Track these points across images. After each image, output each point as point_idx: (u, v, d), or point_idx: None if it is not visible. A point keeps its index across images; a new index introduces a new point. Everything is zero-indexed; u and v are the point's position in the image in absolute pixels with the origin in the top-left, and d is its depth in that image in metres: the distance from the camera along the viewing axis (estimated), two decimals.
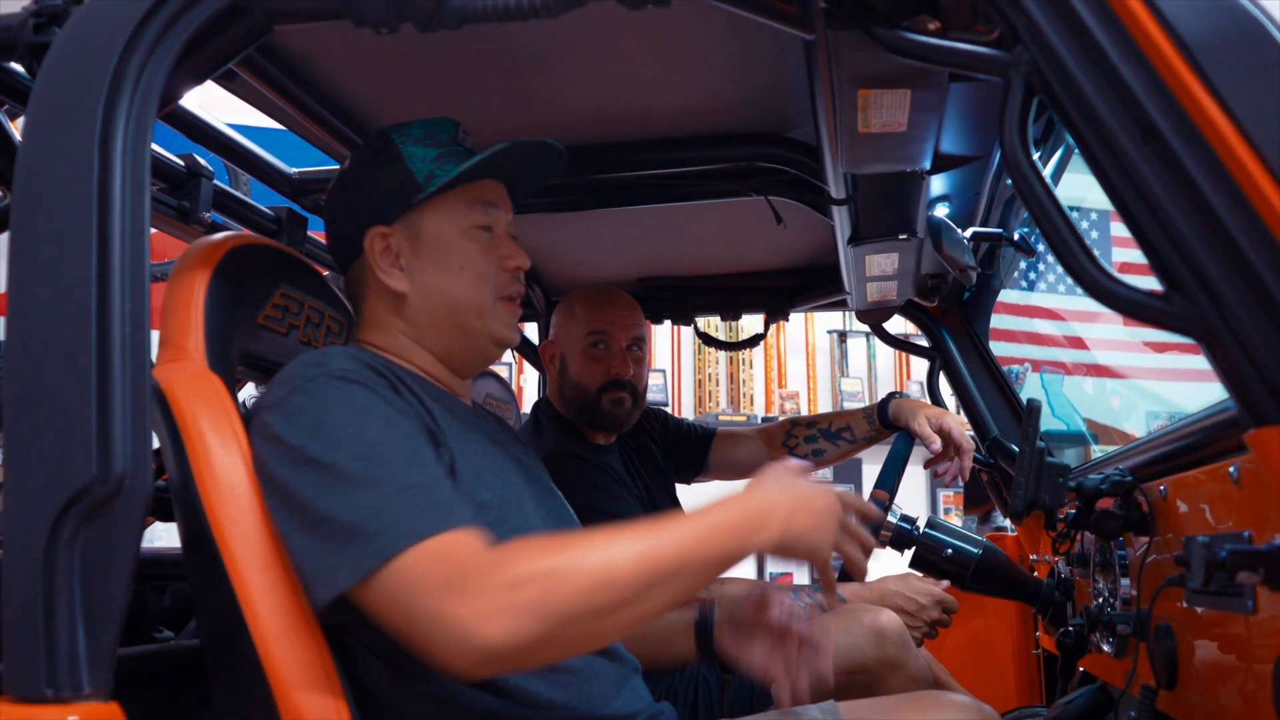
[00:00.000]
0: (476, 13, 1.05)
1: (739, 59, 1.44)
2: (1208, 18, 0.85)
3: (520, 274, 1.31)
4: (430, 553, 0.95)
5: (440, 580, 0.94)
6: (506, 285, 1.29)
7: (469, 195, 1.27)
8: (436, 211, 1.26)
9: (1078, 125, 0.90)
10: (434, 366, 1.28)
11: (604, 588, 0.94)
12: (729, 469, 2.32)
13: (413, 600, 0.94)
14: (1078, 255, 0.92)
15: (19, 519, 0.91)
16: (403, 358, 1.26)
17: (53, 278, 0.95)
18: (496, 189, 1.32)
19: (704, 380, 5.43)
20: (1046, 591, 1.85)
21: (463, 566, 0.94)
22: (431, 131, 1.28)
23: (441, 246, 1.25)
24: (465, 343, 1.28)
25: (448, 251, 1.25)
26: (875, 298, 2.14)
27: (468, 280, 1.26)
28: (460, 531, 0.97)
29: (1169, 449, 1.32)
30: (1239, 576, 0.89)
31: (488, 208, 1.29)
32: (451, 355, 1.29)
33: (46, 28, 1.13)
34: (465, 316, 1.26)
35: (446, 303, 1.26)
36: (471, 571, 0.94)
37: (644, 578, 0.96)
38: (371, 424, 1.04)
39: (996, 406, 2.32)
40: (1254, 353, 0.82)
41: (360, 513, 0.98)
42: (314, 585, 0.99)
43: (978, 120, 1.44)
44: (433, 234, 1.25)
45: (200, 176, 1.58)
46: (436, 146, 1.26)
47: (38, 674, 0.88)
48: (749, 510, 1.04)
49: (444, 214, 1.26)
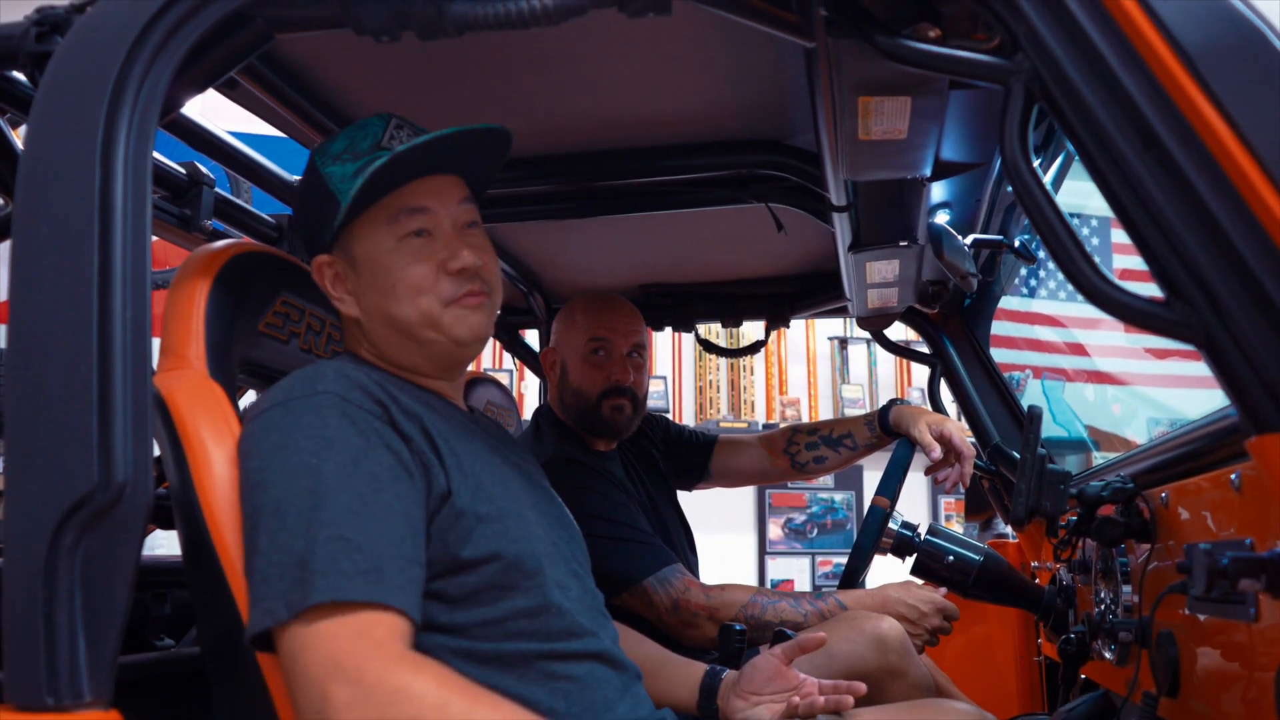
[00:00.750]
0: (478, 21, 1.05)
1: (740, 66, 1.44)
2: (1207, 25, 0.85)
3: (470, 272, 1.20)
4: (339, 624, 0.95)
5: (335, 655, 0.93)
6: (455, 288, 1.19)
7: (390, 206, 1.18)
8: (363, 230, 1.19)
9: (1078, 132, 0.90)
10: (416, 375, 1.26)
11: None
12: (731, 476, 2.32)
13: (305, 659, 0.94)
14: (1078, 262, 0.92)
15: (20, 527, 0.91)
16: (387, 369, 1.24)
17: (54, 285, 0.95)
18: (429, 187, 1.21)
19: (705, 387, 5.43)
20: (1048, 599, 1.84)
21: (364, 653, 0.94)
22: (353, 142, 1.20)
23: (374, 266, 1.19)
24: (428, 351, 1.22)
25: (381, 270, 1.18)
26: (876, 304, 2.14)
27: (404, 297, 1.18)
28: (380, 612, 0.96)
29: (1170, 456, 1.32)
30: (1241, 584, 0.89)
31: (414, 213, 1.19)
32: (421, 365, 1.25)
33: (48, 36, 1.13)
34: (416, 330, 1.20)
35: (393, 322, 1.20)
36: (369, 662, 0.93)
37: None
38: (332, 458, 1.03)
39: (997, 413, 2.32)
40: (1255, 359, 0.82)
41: (290, 555, 0.97)
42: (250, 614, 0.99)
43: (978, 127, 1.45)
44: (365, 255, 1.20)
45: (202, 184, 1.58)
46: (355, 159, 1.18)
47: (38, 682, 0.88)
48: None
49: (370, 231, 1.19)
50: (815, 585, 5.32)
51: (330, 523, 0.99)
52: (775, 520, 5.31)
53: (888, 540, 1.93)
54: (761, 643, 1.70)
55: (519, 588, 1.14)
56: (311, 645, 0.94)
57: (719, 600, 1.82)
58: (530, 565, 1.16)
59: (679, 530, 2.14)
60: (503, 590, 1.13)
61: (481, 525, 1.12)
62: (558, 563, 1.22)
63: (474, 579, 1.11)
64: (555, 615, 1.16)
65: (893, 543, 1.94)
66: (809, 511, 5.34)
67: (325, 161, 1.21)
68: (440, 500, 1.11)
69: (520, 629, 1.13)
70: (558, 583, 1.19)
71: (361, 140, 1.20)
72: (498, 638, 1.12)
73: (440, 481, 1.11)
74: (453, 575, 1.10)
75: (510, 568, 1.14)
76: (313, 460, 1.02)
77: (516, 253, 2.26)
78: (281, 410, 1.07)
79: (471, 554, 1.11)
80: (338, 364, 1.15)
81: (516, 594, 1.14)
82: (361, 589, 0.96)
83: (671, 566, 1.84)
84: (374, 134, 1.20)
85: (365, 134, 1.20)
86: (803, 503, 5.33)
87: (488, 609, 1.12)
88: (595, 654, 1.20)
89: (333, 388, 1.09)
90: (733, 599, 1.82)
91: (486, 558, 1.12)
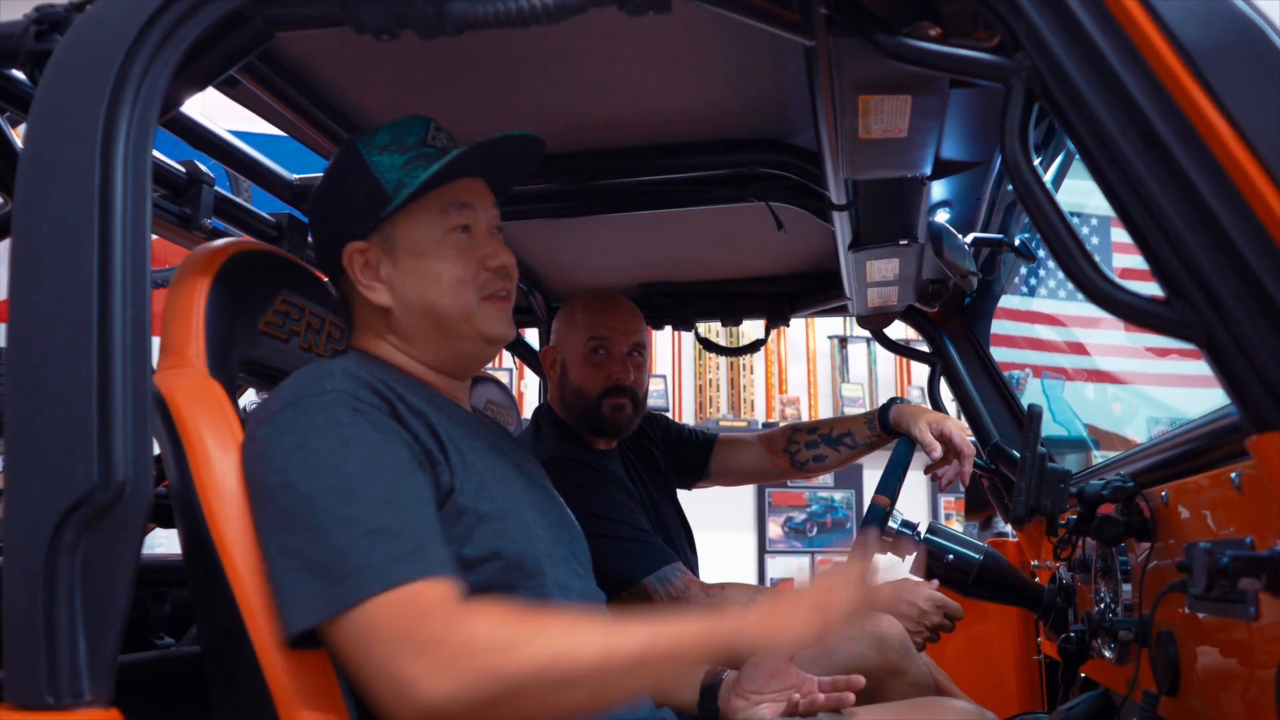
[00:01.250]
0: (477, 19, 1.05)
1: (740, 65, 1.44)
2: (1208, 23, 0.85)
3: (506, 270, 1.26)
4: (390, 604, 0.95)
5: (395, 633, 0.94)
6: (490, 284, 1.25)
7: (442, 199, 1.23)
8: (410, 220, 1.22)
9: (1078, 131, 0.90)
10: (430, 373, 1.27)
11: (556, 671, 0.94)
12: (731, 475, 2.32)
13: (366, 650, 0.95)
14: (1079, 261, 0.92)
15: (20, 526, 0.91)
16: (400, 365, 1.25)
17: (54, 284, 0.95)
18: (473, 187, 1.26)
19: (705, 386, 5.43)
20: (1048, 597, 1.84)
21: (420, 622, 0.95)
22: (398, 136, 1.23)
23: (418, 255, 1.22)
24: (456, 347, 1.26)
25: (425, 260, 1.22)
26: (876, 303, 2.14)
27: (447, 287, 1.22)
28: (426, 582, 0.97)
29: (1170, 455, 1.32)
30: (1241, 583, 0.89)
31: (462, 209, 1.24)
32: (445, 361, 1.27)
33: (48, 35, 1.13)
34: (451, 323, 1.23)
35: (430, 312, 1.23)
36: (428, 628, 0.95)
37: (600, 669, 0.95)
38: (353, 454, 1.03)
39: (998, 412, 2.32)
40: (1256, 358, 0.82)
41: (327, 552, 0.97)
42: (281, 616, 0.98)
43: (978, 126, 1.44)
44: (408, 244, 1.22)
45: (201, 183, 1.58)
46: (404, 151, 1.22)
47: (38, 681, 0.88)
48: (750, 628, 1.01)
49: (417, 222, 1.22)
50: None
51: (363, 517, 0.99)
52: (775, 519, 5.31)
53: (888, 539, 1.93)
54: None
55: (519, 587, 1.14)
56: (372, 631, 0.95)
57: (718, 599, 1.82)
58: (530, 565, 1.16)
59: (679, 529, 2.14)
60: (503, 590, 1.13)
61: (483, 524, 1.12)
62: (558, 563, 1.22)
63: (474, 578, 1.11)
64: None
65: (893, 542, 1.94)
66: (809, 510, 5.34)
67: (370, 150, 1.23)
68: (445, 496, 1.11)
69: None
70: (558, 583, 1.19)
71: (406, 135, 1.23)
72: None
73: (445, 478, 1.12)
74: None
75: (510, 567, 1.14)
76: (334, 459, 1.02)
77: (516, 251, 2.23)
78: (293, 411, 1.07)
79: (472, 553, 1.11)
80: (343, 362, 1.15)
81: (516, 594, 1.14)
82: (408, 570, 0.97)
83: (671, 565, 1.84)
84: (418, 132, 1.23)
85: (409, 130, 1.23)
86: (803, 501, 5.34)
87: None
88: None
89: (341, 385, 1.09)
90: (733, 598, 1.82)
91: (487, 556, 1.12)
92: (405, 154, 1.21)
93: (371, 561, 0.97)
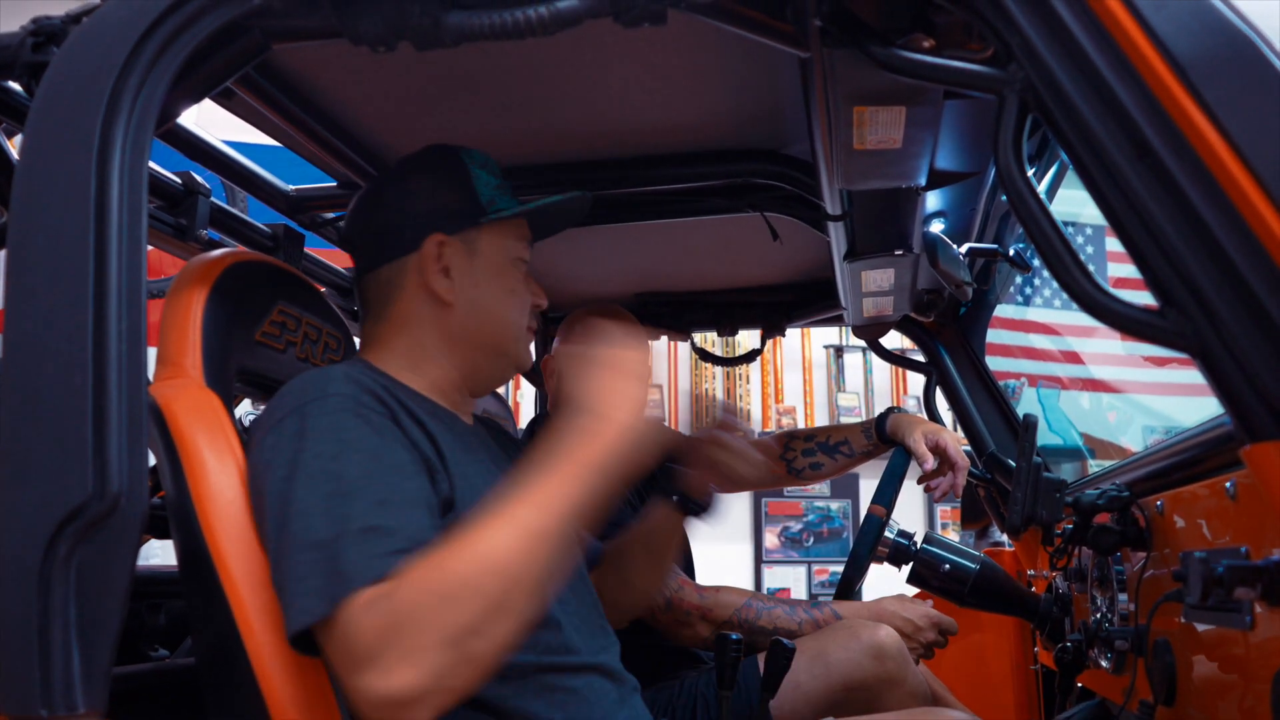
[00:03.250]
0: (474, 31, 1.05)
1: (735, 76, 1.44)
2: (1199, 35, 0.86)
3: (540, 311, 1.38)
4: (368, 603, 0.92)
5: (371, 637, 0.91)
6: (531, 319, 1.36)
7: (519, 230, 1.35)
8: (494, 236, 1.31)
9: (1072, 142, 0.90)
10: (441, 386, 1.27)
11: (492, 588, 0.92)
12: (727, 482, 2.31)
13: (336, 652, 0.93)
14: (1073, 271, 0.92)
15: (14, 537, 0.91)
16: (405, 381, 1.24)
17: (50, 295, 0.95)
18: (528, 232, 1.38)
19: (701, 395, 5.43)
20: (1044, 607, 1.84)
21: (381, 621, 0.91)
22: (490, 162, 1.35)
23: (496, 269, 1.31)
24: (494, 362, 1.32)
25: (501, 275, 1.31)
26: (871, 313, 2.15)
27: (515, 305, 1.32)
28: None
29: (1166, 464, 1.32)
30: (1236, 592, 0.89)
31: (528, 244, 1.36)
32: (476, 372, 1.31)
33: (44, 47, 1.13)
34: (504, 338, 1.31)
35: (493, 321, 1.30)
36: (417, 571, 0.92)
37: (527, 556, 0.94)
38: (352, 459, 1.03)
39: (993, 422, 2.32)
40: (1250, 368, 0.82)
41: (320, 552, 0.95)
42: (284, 617, 0.97)
43: (973, 136, 1.45)
44: (489, 255, 1.30)
45: (197, 194, 1.58)
46: (496, 176, 1.34)
47: (32, 693, 0.88)
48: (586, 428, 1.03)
49: (500, 240, 1.32)
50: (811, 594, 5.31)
51: (358, 517, 0.97)
52: (771, 529, 5.31)
53: (884, 549, 1.93)
54: (757, 650, 1.70)
55: None
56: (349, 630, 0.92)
57: (713, 601, 1.82)
58: None
59: None
60: None
61: None
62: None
63: None
64: (554, 629, 1.16)
65: (889, 551, 1.94)
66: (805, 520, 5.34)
67: (473, 163, 1.33)
68: (445, 507, 1.11)
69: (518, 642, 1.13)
70: (556, 596, 1.19)
71: (493, 165, 1.35)
72: None
73: (444, 488, 1.11)
74: None
75: None
76: (332, 464, 1.02)
77: None
78: (296, 418, 1.06)
79: None
80: (345, 368, 1.15)
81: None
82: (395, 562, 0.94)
83: None
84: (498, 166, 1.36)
85: (493, 162, 1.36)
86: (799, 511, 5.33)
87: None
88: (593, 667, 1.20)
89: (344, 389, 1.09)
90: (727, 600, 1.82)
91: None
92: (497, 179, 1.34)
93: (360, 556, 0.94)
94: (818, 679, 1.66)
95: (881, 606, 1.85)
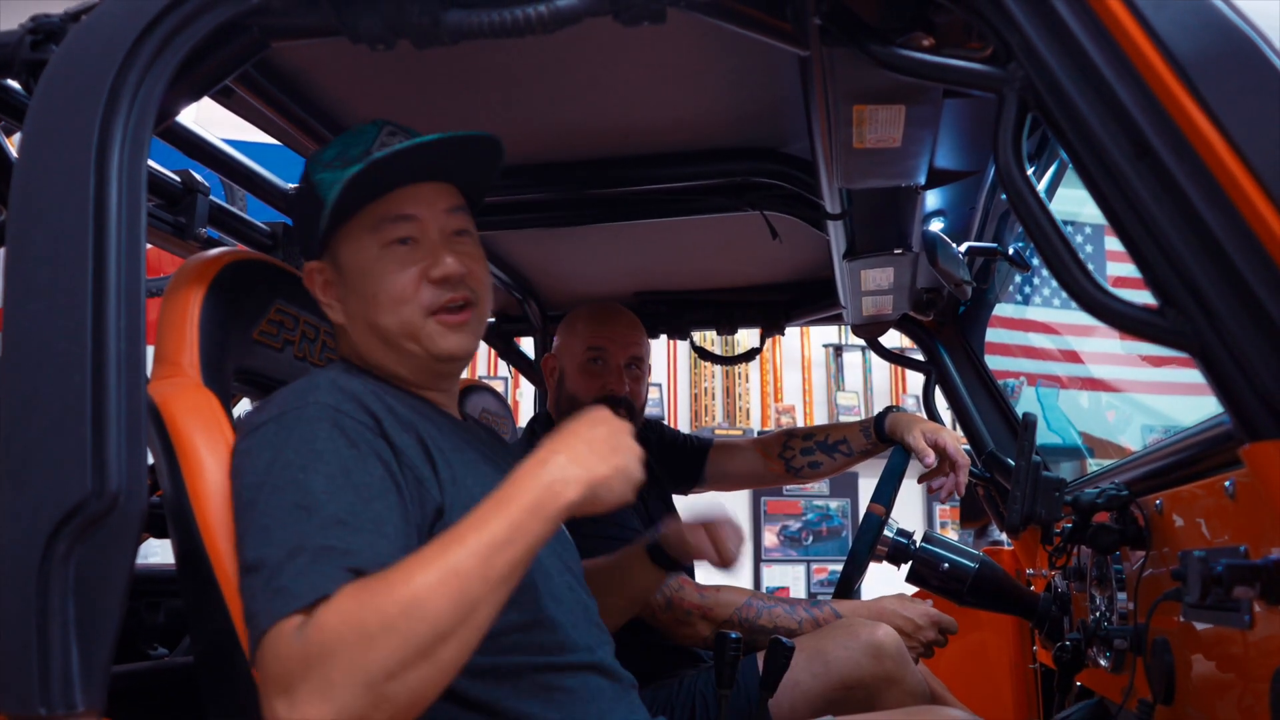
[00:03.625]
0: (473, 29, 1.05)
1: (734, 75, 1.44)
2: (1199, 34, 0.86)
3: (451, 279, 1.18)
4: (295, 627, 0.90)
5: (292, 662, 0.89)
6: (436, 297, 1.18)
7: (376, 213, 1.18)
8: (349, 237, 1.19)
9: (1071, 141, 0.90)
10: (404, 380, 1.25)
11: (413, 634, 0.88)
12: (726, 480, 2.32)
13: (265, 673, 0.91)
14: (1072, 270, 0.92)
15: (13, 535, 0.91)
16: (385, 375, 1.23)
17: (48, 293, 0.95)
18: (419, 195, 1.19)
19: (700, 394, 5.43)
20: (1043, 606, 1.84)
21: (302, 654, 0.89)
22: (345, 149, 1.19)
23: (358, 273, 1.19)
24: (409, 363, 1.22)
25: (365, 278, 1.18)
26: (871, 312, 2.14)
27: (385, 305, 1.17)
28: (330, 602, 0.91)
29: (1165, 463, 1.32)
30: (1235, 591, 0.89)
31: (398, 221, 1.18)
32: (404, 376, 1.23)
33: (43, 45, 1.13)
34: (396, 340, 1.19)
35: (376, 331, 1.19)
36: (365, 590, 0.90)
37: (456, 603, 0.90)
38: (320, 470, 1.01)
39: (992, 421, 2.32)
40: (1249, 368, 0.82)
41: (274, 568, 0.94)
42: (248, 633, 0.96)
43: (972, 135, 1.45)
44: (350, 262, 1.19)
45: (196, 192, 1.58)
46: (345, 165, 1.16)
47: (31, 692, 0.88)
48: (540, 482, 0.97)
49: (355, 238, 1.19)
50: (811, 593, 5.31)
51: (316, 533, 0.96)
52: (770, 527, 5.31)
53: (883, 548, 1.93)
54: (756, 649, 1.70)
55: (513, 602, 1.13)
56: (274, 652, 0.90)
57: (713, 600, 1.82)
58: (524, 579, 1.15)
59: None
60: None
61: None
62: (552, 574, 1.21)
63: None
64: (549, 628, 1.16)
65: (888, 550, 1.94)
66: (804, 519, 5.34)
67: (317, 168, 1.21)
68: (435, 515, 1.10)
69: (514, 642, 1.12)
70: (552, 594, 1.19)
71: (352, 147, 1.19)
72: (492, 651, 1.11)
73: (434, 495, 1.10)
74: None
75: None
76: (300, 475, 1.00)
77: (512, 261, 2.26)
78: (274, 425, 1.06)
79: None
80: (332, 374, 1.14)
81: (510, 608, 1.12)
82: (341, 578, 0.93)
83: None
84: (365, 141, 1.19)
85: (357, 140, 1.19)
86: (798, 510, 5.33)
87: None
88: (590, 665, 1.20)
89: (325, 399, 1.08)
90: (727, 600, 1.82)
91: None
92: (345, 168, 1.15)
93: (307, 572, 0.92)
94: (817, 678, 1.66)
95: (881, 605, 1.85)
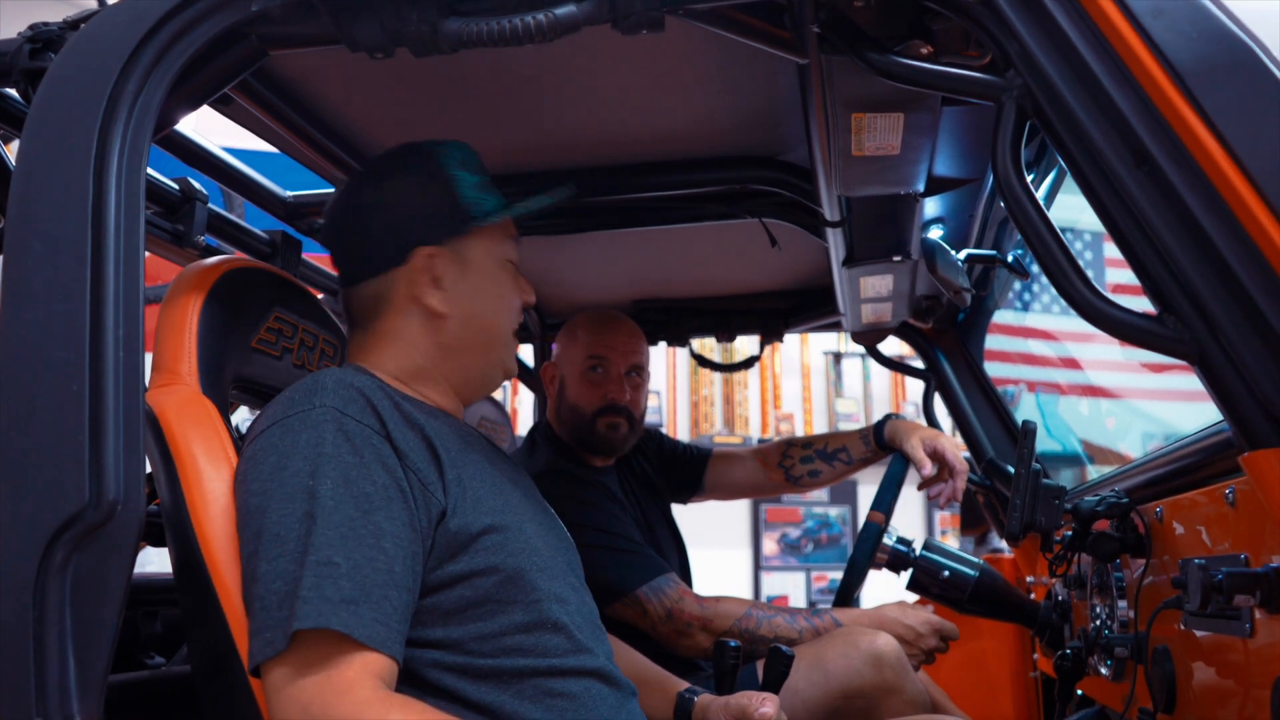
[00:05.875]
0: (471, 38, 1.05)
1: (733, 83, 1.44)
2: (1197, 42, 0.86)
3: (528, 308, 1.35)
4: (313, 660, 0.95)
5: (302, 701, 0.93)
6: (519, 318, 1.33)
7: (506, 230, 1.31)
8: (482, 241, 1.28)
9: (1070, 149, 0.90)
10: (433, 396, 1.26)
11: None
12: (725, 489, 2.31)
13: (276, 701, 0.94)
14: (1071, 278, 0.92)
15: (10, 545, 0.90)
16: (399, 385, 1.24)
17: (46, 302, 0.95)
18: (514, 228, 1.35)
19: (699, 402, 5.43)
20: (1044, 614, 1.84)
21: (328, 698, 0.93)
22: (470, 157, 1.30)
23: (487, 275, 1.28)
24: (485, 369, 1.30)
25: (492, 280, 1.28)
26: (870, 319, 2.15)
27: (504, 310, 1.30)
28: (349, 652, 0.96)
29: (1165, 471, 1.32)
30: (1236, 599, 0.89)
31: (515, 243, 1.33)
32: (468, 380, 1.29)
33: (42, 53, 1.13)
34: (494, 344, 1.30)
35: (485, 329, 1.28)
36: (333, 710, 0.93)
37: None
38: (327, 476, 1.02)
39: (992, 428, 2.32)
40: (1248, 376, 0.82)
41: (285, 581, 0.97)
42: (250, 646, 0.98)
43: (971, 143, 1.45)
44: (479, 263, 1.27)
45: (195, 200, 1.58)
46: (476, 174, 1.29)
47: (28, 701, 0.87)
48: None
49: (488, 244, 1.29)
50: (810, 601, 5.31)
51: (321, 545, 0.98)
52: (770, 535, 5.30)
53: (883, 555, 1.93)
54: (756, 658, 1.70)
55: (516, 602, 1.13)
56: (285, 687, 0.94)
57: (713, 611, 1.82)
58: (528, 579, 1.15)
59: (672, 547, 2.13)
60: (500, 604, 1.12)
61: (480, 539, 1.12)
62: (555, 576, 1.21)
63: (471, 592, 1.10)
64: (552, 631, 1.16)
65: (888, 558, 1.93)
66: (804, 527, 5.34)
67: (451, 164, 1.28)
68: (439, 516, 1.10)
69: (517, 645, 1.12)
70: (556, 597, 1.18)
71: (470, 158, 1.30)
72: (494, 653, 1.11)
73: (439, 498, 1.10)
74: (450, 588, 1.10)
75: (508, 581, 1.13)
76: (309, 481, 1.02)
77: None
78: (279, 429, 1.06)
79: (469, 567, 1.10)
80: (339, 373, 1.14)
81: (514, 609, 1.13)
82: (340, 619, 0.95)
83: (665, 576, 1.83)
84: (477, 157, 1.31)
85: (471, 154, 1.30)
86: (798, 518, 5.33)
87: (484, 623, 1.11)
88: (591, 671, 1.20)
89: (330, 400, 1.08)
90: (727, 610, 1.82)
91: (484, 570, 1.11)
92: (478, 176, 1.29)
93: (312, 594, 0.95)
94: (816, 686, 1.65)
95: (882, 614, 1.84)
